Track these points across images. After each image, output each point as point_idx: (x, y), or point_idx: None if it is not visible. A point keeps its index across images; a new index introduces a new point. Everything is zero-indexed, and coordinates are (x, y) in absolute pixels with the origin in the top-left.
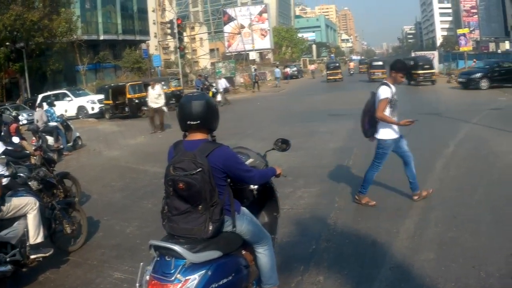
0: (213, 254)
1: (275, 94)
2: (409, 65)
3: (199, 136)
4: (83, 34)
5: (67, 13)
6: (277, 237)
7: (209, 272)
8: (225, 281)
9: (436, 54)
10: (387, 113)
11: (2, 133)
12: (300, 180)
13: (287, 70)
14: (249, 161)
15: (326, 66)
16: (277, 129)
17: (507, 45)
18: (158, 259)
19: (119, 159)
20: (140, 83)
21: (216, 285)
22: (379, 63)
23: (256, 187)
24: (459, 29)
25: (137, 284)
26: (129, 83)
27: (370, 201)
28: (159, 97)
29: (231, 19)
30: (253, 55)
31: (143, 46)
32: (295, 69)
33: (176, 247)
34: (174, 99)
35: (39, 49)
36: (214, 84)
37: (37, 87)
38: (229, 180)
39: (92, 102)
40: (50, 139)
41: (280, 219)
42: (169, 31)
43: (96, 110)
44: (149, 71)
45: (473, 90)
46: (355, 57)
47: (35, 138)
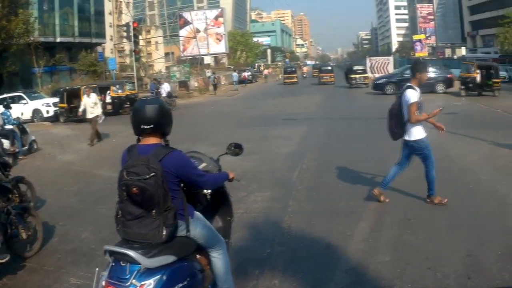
0: (168, 258)
1: (229, 98)
2: (346, 69)
3: (152, 140)
4: (40, 36)
5: (25, 14)
6: (231, 241)
7: (164, 277)
8: (180, 285)
9: (391, 59)
10: None
11: None
12: (253, 184)
13: (245, 75)
14: (202, 165)
15: (284, 70)
16: (231, 133)
17: (463, 51)
18: (113, 264)
19: (73, 163)
20: (95, 86)
21: None
22: (327, 68)
23: (209, 191)
24: (415, 35)
25: None
26: (84, 87)
27: (442, 200)
28: (95, 106)
29: (187, 23)
30: (207, 59)
31: (99, 49)
32: (249, 73)
33: (131, 252)
34: (128, 103)
35: None
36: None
37: None
38: (182, 185)
39: (47, 105)
40: (6, 143)
41: (234, 223)
42: (125, 34)
43: (51, 114)
44: (104, 74)
45: (381, 95)
46: (309, 62)
47: None
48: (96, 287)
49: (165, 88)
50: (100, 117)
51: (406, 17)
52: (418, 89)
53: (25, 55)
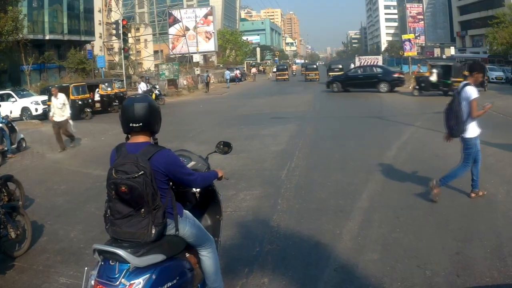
0: (157, 257)
1: (218, 96)
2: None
3: (141, 138)
4: (29, 33)
5: (14, 11)
6: (220, 240)
7: (154, 276)
8: (169, 284)
9: (380, 58)
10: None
11: None
12: (242, 182)
13: (236, 73)
14: (191, 164)
15: (276, 68)
16: (219, 132)
17: (452, 51)
18: (102, 263)
19: (62, 162)
20: (84, 84)
21: None
22: (313, 66)
23: (198, 190)
24: (405, 34)
25: None
26: (72, 84)
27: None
28: (64, 107)
29: (176, 21)
30: (197, 58)
31: (88, 46)
32: (238, 72)
33: (120, 251)
34: (117, 101)
35: None
36: (157, 86)
37: None
38: (171, 183)
39: (36, 103)
40: None
41: (223, 222)
42: (114, 32)
43: (40, 112)
44: (93, 72)
45: (330, 92)
46: (298, 61)
47: None
48: (85, 286)
49: (142, 87)
50: (69, 120)
51: (396, 16)
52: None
53: (14, 52)
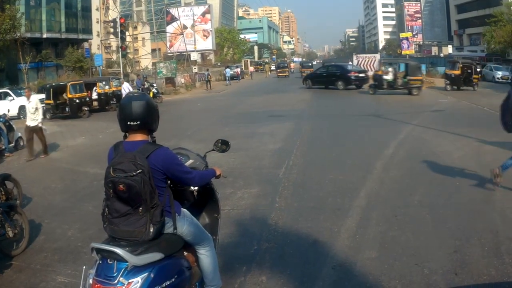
0: (155, 256)
1: (216, 94)
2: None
3: (139, 137)
4: (27, 31)
5: (12, 9)
6: (218, 238)
7: (152, 275)
8: (168, 283)
9: (378, 57)
10: None
11: None
12: (240, 181)
13: (237, 70)
14: (189, 162)
15: (277, 65)
16: (217, 130)
17: (449, 49)
18: (100, 262)
19: (59, 160)
20: (81, 82)
21: None
22: (309, 64)
23: (196, 188)
24: (402, 33)
25: None
26: (70, 83)
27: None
28: (36, 111)
29: (174, 19)
30: (194, 56)
31: (86, 45)
32: (236, 70)
33: (118, 250)
34: (114, 99)
35: None
36: (155, 84)
37: None
38: (169, 182)
39: None
40: None
41: (221, 220)
42: (112, 30)
43: None
44: (91, 70)
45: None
46: (296, 59)
47: None
48: (84, 285)
49: (125, 88)
50: (43, 125)
51: (393, 15)
52: None
53: (11, 51)
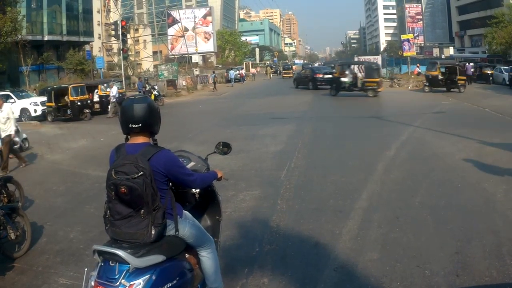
0: (157, 258)
1: (218, 97)
2: None
3: (141, 139)
4: (28, 34)
5: (13, 12)
6: (220, 240)
7: (154, 277)
8: (169, 285)
9: (380, 58)
10: None
11: None
12: (241, 183)
13: (242, 73)
14: (190, 164)
15: (282, 67)
16: (219, 132)
17: (451, 51)
18: (102, 264)
19: (61, 162)
20: (83, 85)
21: None
22: (308, 66)
23: (198, 190)
24: (404, 34)
25: None
26: (71, 85)
27: None
28: (8, 121)
29: (175, 21)
30: (196, 58)
31: (87, 47)
32: (238, 72)
33: (120, 252)
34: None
35: None
36: (156, 86)
37: None
38: (170, 184)
39: (35, 104)
40: None
41: (222, 222)
42: (113, 32)
43: (39, 113)
44: (92, 73)
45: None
46: (298, 61)
47: None
48: (85, 287)
49: (113, 92)
50: (14, 137)
51: (395, 16)
52: None
53: (12, 53)
